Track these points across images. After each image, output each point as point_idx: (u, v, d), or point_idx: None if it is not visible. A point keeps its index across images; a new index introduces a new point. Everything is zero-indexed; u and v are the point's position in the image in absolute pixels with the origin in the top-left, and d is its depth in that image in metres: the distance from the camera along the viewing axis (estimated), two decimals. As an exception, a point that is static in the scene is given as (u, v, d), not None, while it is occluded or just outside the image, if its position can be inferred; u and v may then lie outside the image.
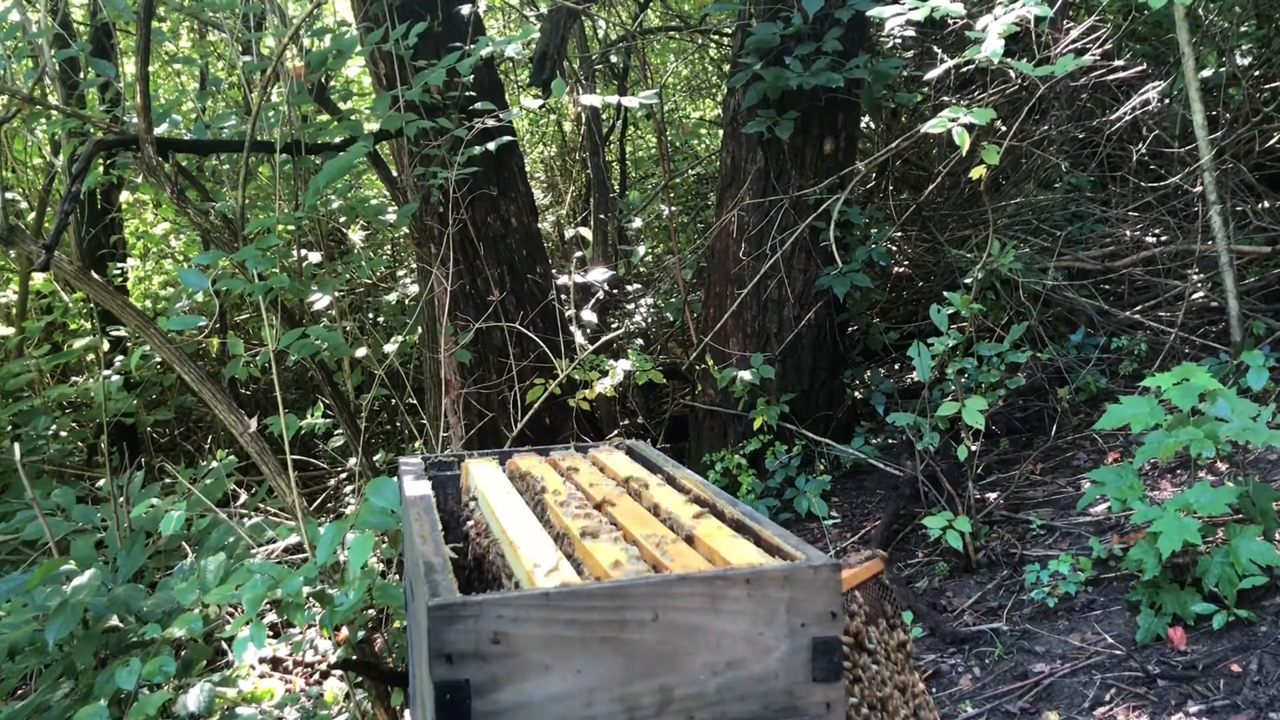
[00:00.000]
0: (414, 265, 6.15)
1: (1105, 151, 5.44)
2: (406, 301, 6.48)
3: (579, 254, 6.40)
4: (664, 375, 4.42)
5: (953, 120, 3.43)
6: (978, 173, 3.75)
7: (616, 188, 7.60)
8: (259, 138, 3.80)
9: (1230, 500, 3.00)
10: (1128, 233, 5.31)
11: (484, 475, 1.50)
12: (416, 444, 4.37)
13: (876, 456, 4.58)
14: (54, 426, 5.25)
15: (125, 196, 6.84)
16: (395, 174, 5.31)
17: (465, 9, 4.37)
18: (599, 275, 4.81)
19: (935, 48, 5.29)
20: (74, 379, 6.04)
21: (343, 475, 5.54)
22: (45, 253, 3.26)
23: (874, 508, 4.48)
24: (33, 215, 5.84)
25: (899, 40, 5.81)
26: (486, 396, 4.75)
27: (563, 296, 5.02)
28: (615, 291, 6.51)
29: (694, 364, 5.08)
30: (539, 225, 5.52)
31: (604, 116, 7.12)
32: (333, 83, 5.47)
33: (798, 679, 1.02)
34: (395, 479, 2.10)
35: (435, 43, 4.32)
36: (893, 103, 5.54)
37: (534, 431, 4.27)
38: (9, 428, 5.06)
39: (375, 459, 4.71)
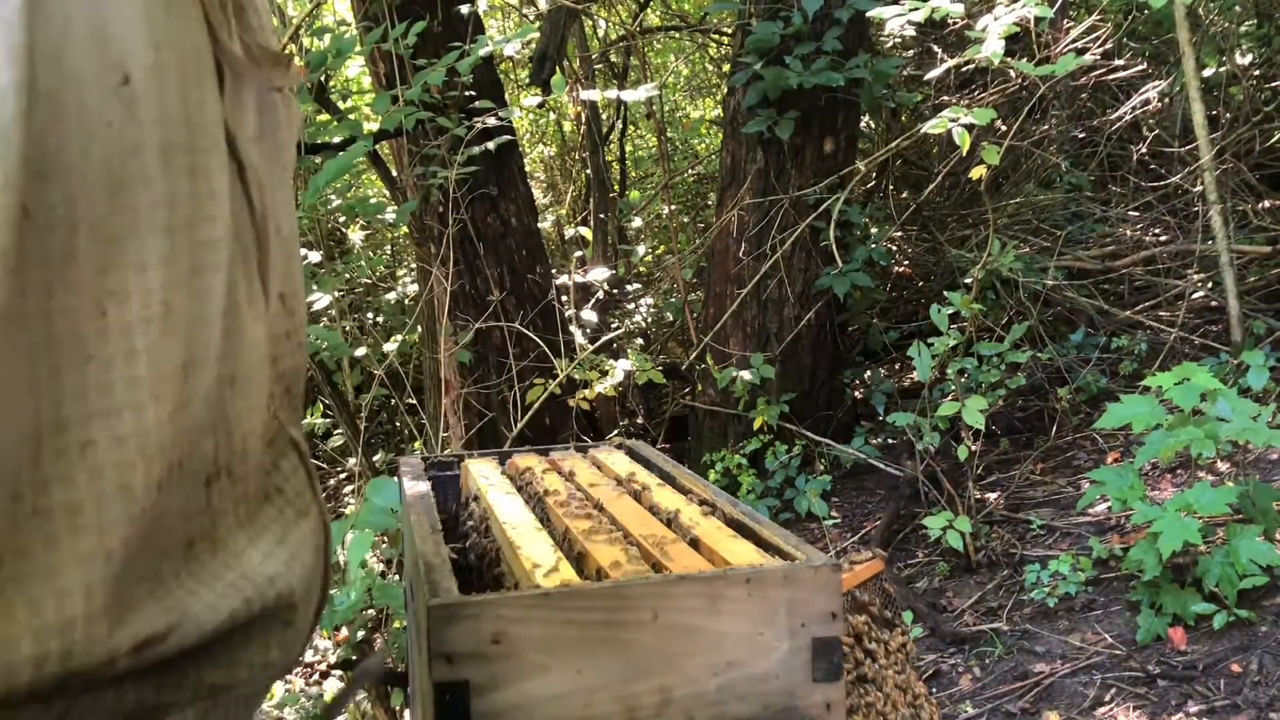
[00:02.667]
0: (414, 265, 6.15)
1: (1105, 151, 5.44)
2: (406, 301, 6.47)
3: (579, 254, 6.40)
4: (664, 375, 4.42)
5: (953, 120, 3.43)
6: (978, 172, 3.75)
7: (616, 187, 7.60)
8: (258, 137, 3.79)
9: (1230, 500, 3.00)
10: (1128, 232, 5.32)
11: (484, 475, 1.50)
12: (416, 444, 4.37)
13: (876, 456, 4.58)
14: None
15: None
16: (395, 173, 5.30)
17: (465, 8, 4.37)
18: (599, 275, 4.81)
19: (935, 47, 5.29)
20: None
21: (343, 475, 5.54)
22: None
23: (874, 508, 4.47)
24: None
25: (899, 40, 5.80)
26: (486, 396, 4.75)
27: (563, 296, 5.02)
28: (615, 291, 6.51)
29: (694, 364, 5.08)
30: (539, 225, 5.51)
31: (604, 116, 7.12)
32: (332, 82, 5.47)
33: (798, 679, 1.02)
34: (395, 479, 2.09)
35: (435, 42, 4.31)
36: (893, 102, 5.53)
37: (534, 431, 4.26)
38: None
39: (375, 459, 4.71)
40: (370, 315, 6.78)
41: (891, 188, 5.87)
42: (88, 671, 0.56)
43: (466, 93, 4.23)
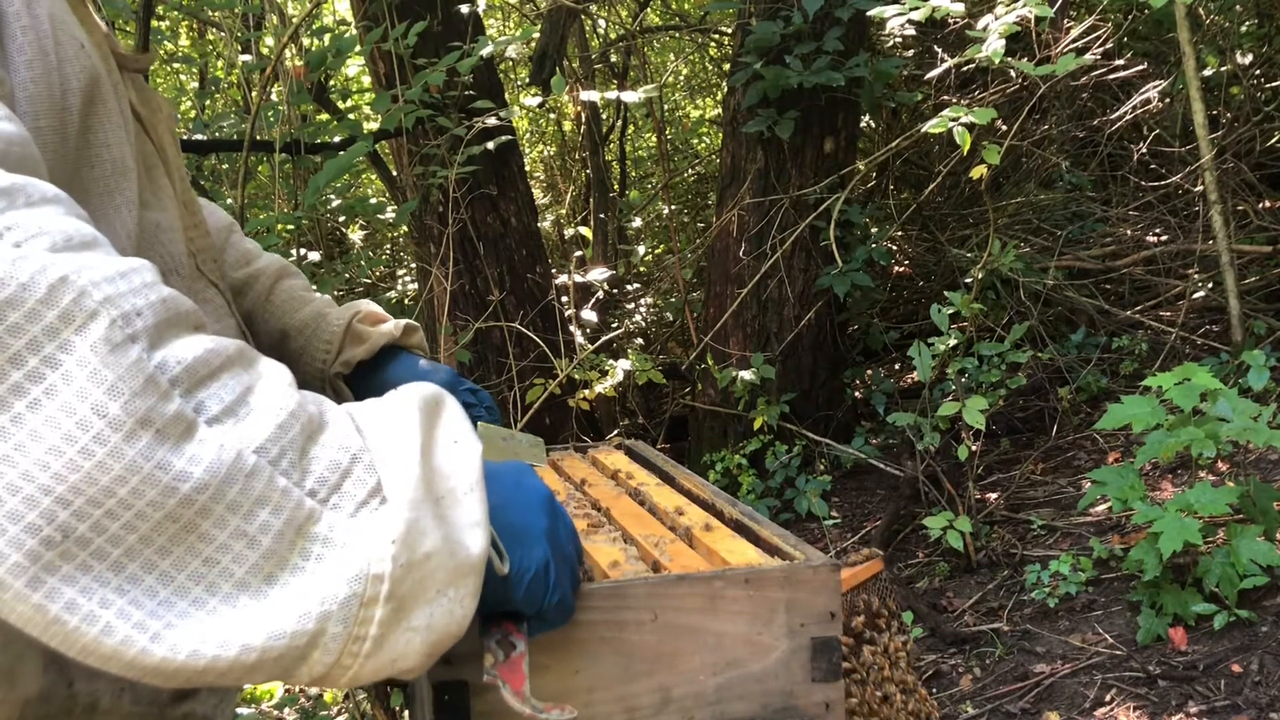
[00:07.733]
0: (414, 265, 6.15)
1: (1106, 151, 5.44)
2: (406, 301, 6.47)
3: (579, 254, 6.40)
4: (664, 375, 4.41)
5: (953, 120, 3.42)
6: (978, 172, 3.75)
7: (616, 187, 7.60)
8: (258, 137, 3.80)
9: (1231, 500, 2.99)
10: (1128, 232, 5.31)
11: (483, 475, 1.49)
12: (416, 444, 4.35)
13: (877, 456, 4.57)
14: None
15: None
16: (395, 173, 5.30)
17: (465, 8, 4.37)
18: (599, 275, 4.81)
19: (936, 47, 5.29)
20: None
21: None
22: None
23: (874, 508, 4.47)
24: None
25: (899, 39, 5.80)
26: (486, 396, 4.73)
27: (563, 296, 5.01)
28: (615, 291, 6.51)
29: (694, 364, 5.08)
30: (539, 225, 5.51)
31: (604, 116, 7.12)
32: (332, 82, 5.47)
33: (797, 679, 1.02)
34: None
35: (435, 42, 4.31)
36: (893, 102, 5.53)
37: (534, 431, 4.26)
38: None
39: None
40: (370, 315, 6.77)
41: (892, 187, 5.87)
42: None
43: (466, 93, 4.22)
